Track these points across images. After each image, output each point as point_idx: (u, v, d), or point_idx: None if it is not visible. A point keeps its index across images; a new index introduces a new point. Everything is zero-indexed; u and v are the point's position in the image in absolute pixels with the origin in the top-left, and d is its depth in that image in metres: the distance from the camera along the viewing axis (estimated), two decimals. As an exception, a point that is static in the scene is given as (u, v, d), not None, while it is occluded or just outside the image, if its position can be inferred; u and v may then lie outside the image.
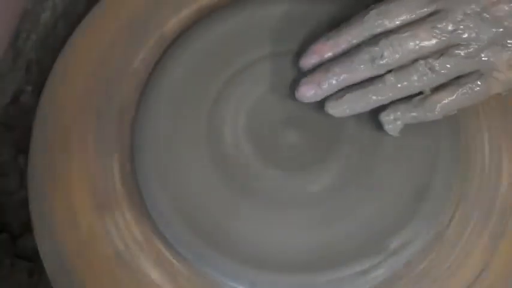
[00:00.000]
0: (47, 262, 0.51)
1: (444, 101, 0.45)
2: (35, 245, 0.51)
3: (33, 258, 0.65)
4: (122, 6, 0.57)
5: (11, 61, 0.62)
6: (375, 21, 0.44)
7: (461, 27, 0.43)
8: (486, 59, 0.44)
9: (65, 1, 0.67)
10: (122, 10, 0.57)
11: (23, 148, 0.66)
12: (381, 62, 0.44)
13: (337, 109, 0.46)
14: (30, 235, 0.53)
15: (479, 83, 0.44)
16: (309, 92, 0.47)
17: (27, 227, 0.65)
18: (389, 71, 0.45)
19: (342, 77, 0.45)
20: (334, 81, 0.45)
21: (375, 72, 0.45)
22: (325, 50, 0.46)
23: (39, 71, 0.66)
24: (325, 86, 0.46)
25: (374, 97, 0.45)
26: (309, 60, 0.47)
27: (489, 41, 0.43)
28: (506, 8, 0.43)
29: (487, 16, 0.43)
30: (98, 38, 0.56)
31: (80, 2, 0.70)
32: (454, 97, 0.45)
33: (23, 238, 0.67)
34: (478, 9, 0.43)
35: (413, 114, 0.45)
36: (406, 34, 0.43)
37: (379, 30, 0.44)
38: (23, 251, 0.66)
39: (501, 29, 0.43)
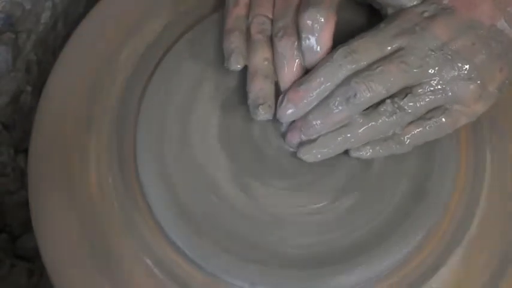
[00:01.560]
0: (47, 262, 0.51)
1: (412, 133, 0.46)
2: (35, 245, 0.51)
3: (33, 259, 0.66)
4: (122, 6, 0.57)
5: (11, 61, 0.62)
6: (344, 58, 0.44)
7: (426, 62, 0.44)
8: (451, 93, 0.45)
9: (65, 1, 0.67)
10: (122, 10, 0.57)
11: (23, 148, 0.66)
12: (355, 102, 0.44)
13: (309, 154, 0.46)
14: (30, 235, 0.53)
15: (443, 118, 0.45)
16: (294, 139, 0.47)
17: (27, 227, 0.65)
18: None
19: (319, 122, 0.45)
20: (315, 126, 0.45)
21: (352, 113, 0.44)
22: (299, 97, 0.45)
23: (39, 71, 0.66)
24: (307, 131, 0.46)
25: (345, 139, 0.45)
26: (285, 111, 0.46)
27: (453, 75, 0.44)
28: (466, 43, 0.44)
29: (449, 51, 0.44)
30: (98, 38, 0.56)
31: (79, 2, 0.70)
32: (421, 130, 0.46)
33: (23, 238, 0.67)
34: (440, 45, 0.44)
35: (383, 147, 0.46)
36: (377, 70, 0.43)
37: (352, 66, 0.44)
38: (23, 251, 0.66)
39: (465, 63, 0.44)
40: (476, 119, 0.47)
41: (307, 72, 0.46)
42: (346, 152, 0.48)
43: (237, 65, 0.47)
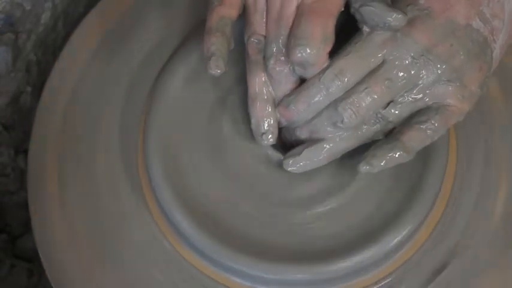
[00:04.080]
0: (45, 263, 0.51)
1: (416, 140, 0.46)
2: (35, 245, 0.51)
3: (33, 259, 0.66)
4: (122, 6, 0.57)
5: (11, 61, 0.62)
6: (332, 81, 0.45)
7: (409, 72, 0.44)
8: (432, 97, 0.45)
9: (65, 1, 0.67)
10: (122, 10, 0.57)
11: (23, 148, 0.67)
12: (343, 126, 0.45)
13: (296, 166, 0.47)
14: (30, 235, 0.53)
15: (437, 118, 0.46)
16: (287, 137, 0.49)
17: (27, 227, 0.65)
18: None
19: (305, 136, 0.47)
20: (301, 138, 0.48)
21: (338, 133, 0.46)
22: (289, 114, 0.47)
23: (39, 71, 0.66)
24: (294, 140, 0.48)
25: (330, 150, 0.46)
26: (280, 121, 0.48)
27: (433, 79, 0.45)
28: (445, 45, 0.45)
29: (430, 56, 0.45)
30: (98, 38, 0.56)
31: (80, 3, 0.70)
32: (423, 135, 0.46)
33: (23, 238, 0.67)
34: (421, 50, 0.44)
35: (391, 159, 0.45)
36: (363, 94, 0.44)
37: (339, 87, 0.45)
38: (23, 252, 0.66)
39: (444, 66, 0.45)
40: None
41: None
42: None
43: (216, 70, 0.45)
